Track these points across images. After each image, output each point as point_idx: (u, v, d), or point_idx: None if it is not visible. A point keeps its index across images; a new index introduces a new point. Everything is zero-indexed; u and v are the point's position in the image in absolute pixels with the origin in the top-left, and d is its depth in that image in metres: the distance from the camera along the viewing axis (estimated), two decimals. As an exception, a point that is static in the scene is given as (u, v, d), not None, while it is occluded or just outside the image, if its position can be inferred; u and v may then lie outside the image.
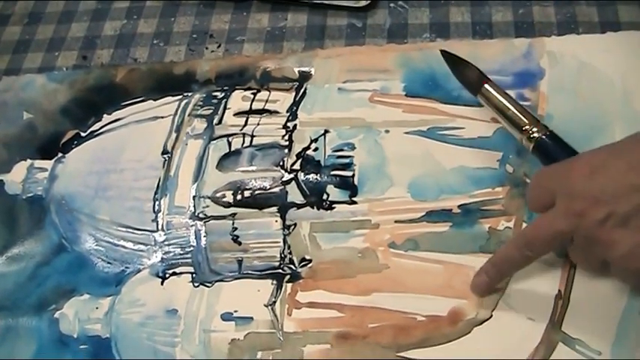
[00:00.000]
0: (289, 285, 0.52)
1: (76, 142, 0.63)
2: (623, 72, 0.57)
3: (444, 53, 0.57)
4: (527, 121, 0.51)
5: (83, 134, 0.63)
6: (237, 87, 0.63)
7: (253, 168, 0.58)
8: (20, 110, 0.66)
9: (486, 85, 0.54)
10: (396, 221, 0.54)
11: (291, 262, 0.53)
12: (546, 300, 0.49)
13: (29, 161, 0.62)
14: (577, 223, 0.43)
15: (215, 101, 0.62)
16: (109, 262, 0.56)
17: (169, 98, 0.63)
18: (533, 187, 0.48)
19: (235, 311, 0.52)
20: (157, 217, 0.57)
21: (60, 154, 0.62)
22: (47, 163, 0.62)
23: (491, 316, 0.49)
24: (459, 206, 0.54)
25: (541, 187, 0.47)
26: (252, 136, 0.60)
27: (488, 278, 0.49)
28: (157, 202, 0.57)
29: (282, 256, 0.54)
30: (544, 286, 0.50)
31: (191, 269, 0.54)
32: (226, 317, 0.52)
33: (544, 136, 0.51)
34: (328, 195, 0.56)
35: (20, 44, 0.71)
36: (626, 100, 0.56)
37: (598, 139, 0.54)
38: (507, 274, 0.49)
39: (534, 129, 0.51)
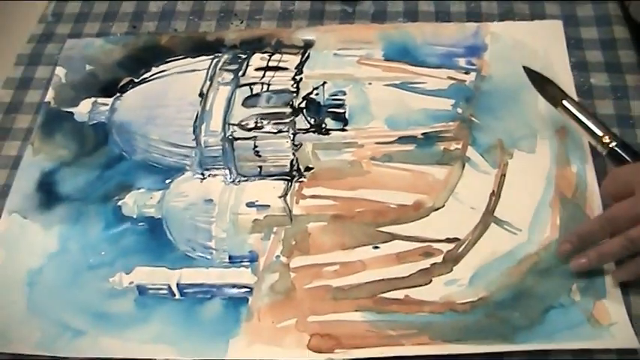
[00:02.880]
0: (297, 184, 0.71)
1: (130, 86, 0.81)
2: (545, 47, 0.78)
3: (527, 70, 0.70)
4: (601, 132, 0.64)
5: (136, 80, 0.81)
6: (256, 50, 0.82)
7: (270, 105, 0.77)
8: (83, 63, 0.84)
9: (565, 101, 0.67)
10: (375, 143, 0.73)
11: (298, 169, 0.72)
12: (484, 195, 0.68)
13: (93, 98, 0.80)
14: None
15: (240, 60, 0.81)
16: (160, 168, 0.74)
17: (204, 57, 0.82)
18: (611, 181, 0.62)
19: (256, 201, 0.70)
20: (196, 137, 0.75)
21: (118, 94, 0.80)
22: (108, 100, 0.80)
23: (444, 205, 0.68)
24: (422, 134, 0.73)
25: (618, 181, 0.61)
26: (269, 85, 0.78)
27: (572, 246, 0.61)
28: (196, 128, 0.75)
29: (292, 165, 0.72)
30: (482, 186, 0.69)
31: (223, 172, 0.72)
32: (250, 205, 0.70)
33: (616, 144, 0.63)
34: (326, 125, 0.75)
35: (80, 16, 0.89)
36: (547, 66, 0.75)
37: (525, 93, 0.74)
38: (588, 244, 0.61)
39: (607, 138, 0.64)
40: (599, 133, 0.65)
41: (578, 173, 0.68)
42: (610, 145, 0.64)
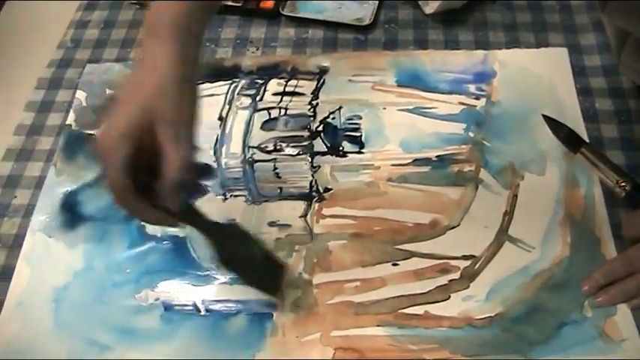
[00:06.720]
0: (317, 204, 0.73)
1: (150, 109, 0.83)
2: (550, 73, 0.81)
3: (546, 117, 0.75)
4: (618, 177, 0.68)
5: (156, 104, 0.83)
6: (273, 76, 0.85)
7: (288, 128, 0.79)
8: (103, 87, 0.86)
9: (583, 148, 0.71)
10: (391, 165, 0.76)
11: (318, 190, 0.74)
12: (497, 215, 0.71)
13: (114, 121, 0.82)
14: None
15: (257, 85, 0.84)
16: (182, 188, 0.76)
17: (222, 82, 0.85)
18: (631, 224, 0.65)
19: (278, 220, 0.72)
20: (217, 159, 0.77)
21: (139, 117, 0.82)
22: (129, 123, 0.82)
23: (459, 224, 0.71)
24: (436, 156, 0.76)
25: (638, 224, 0.64)
26: (286, 109, 0.81)
27: (597, 283, 0.64)
28: (217, 150, 0.78)
29: (311, 186, 0.75)
30: (495, 206, 0.72)
31: (245, 193, 0.75)
32: (271, 224, 0.72)
33: (632, 188, 0.67)
34: (343, 147, 0.77)
35: (99, 42, 0.92)
36: (551, 91, 0.79)
37: (532, 116, 0.77)
38: (611, 280, 0.64)
39: (623, 182, 0.68)
40: (617, 177, 0.69)
41: (586, 195, 0.71)
42: (627, 189, 0.67)
